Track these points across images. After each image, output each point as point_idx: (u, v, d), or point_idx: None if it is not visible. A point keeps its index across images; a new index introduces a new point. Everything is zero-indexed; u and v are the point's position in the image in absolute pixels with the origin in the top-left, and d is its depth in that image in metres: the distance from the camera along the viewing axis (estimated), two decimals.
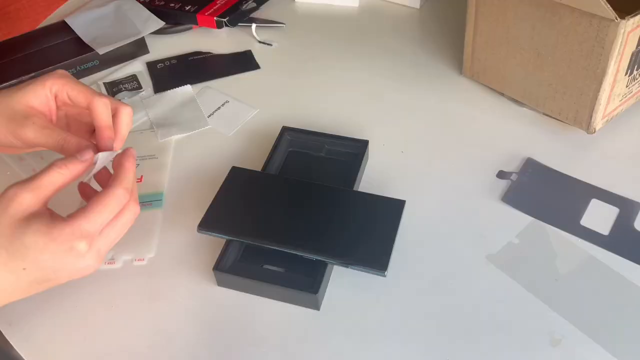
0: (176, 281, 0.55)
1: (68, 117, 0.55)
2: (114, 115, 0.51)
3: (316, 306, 0.52)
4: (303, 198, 0.56)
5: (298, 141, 0.64)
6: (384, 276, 0.50)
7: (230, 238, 0.54)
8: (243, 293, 0.53)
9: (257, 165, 0.62)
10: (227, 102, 0.72)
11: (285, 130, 0.64)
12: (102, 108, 0.50)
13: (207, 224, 0.54)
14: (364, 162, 0.63)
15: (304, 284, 0.51)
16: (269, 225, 0.54)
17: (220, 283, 0.54)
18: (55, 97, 0.52)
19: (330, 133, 0.64)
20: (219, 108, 0.72)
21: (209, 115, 0.71)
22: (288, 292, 0.51)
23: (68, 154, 0.48)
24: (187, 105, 0.72)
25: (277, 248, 0.52)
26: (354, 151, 0.63)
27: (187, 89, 0.74)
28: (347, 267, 0.51)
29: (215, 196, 0.56)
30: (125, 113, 0.51)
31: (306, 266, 0.52)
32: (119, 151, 0.49)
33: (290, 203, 0.56)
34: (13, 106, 0.51)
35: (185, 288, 0.54)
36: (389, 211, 0.55)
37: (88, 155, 0.47)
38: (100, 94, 0.51)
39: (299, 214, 0.55)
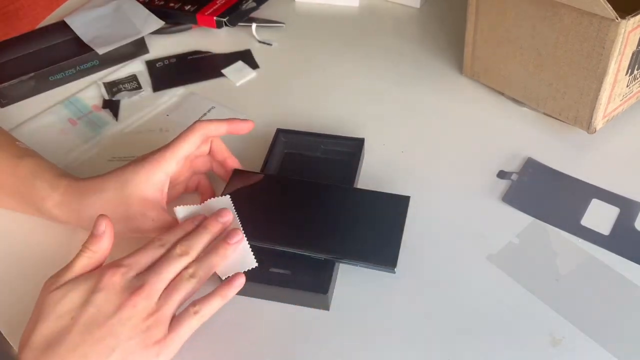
0: None
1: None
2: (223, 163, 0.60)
3: (326, 306, 0.52)
4: (307, 198, 0.56)
5: (293, 142, 0.64)
6: (394, 273, 0.50)
7: None
8: (250, 298, 0.53)
9: (254, 169, 0.61)
10: (213, 107, 0.72)
11: (279, 132, 0.64)
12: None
13: None
14: (361, 160, 0.62)
15: (313, 284, 0.51)
16: (274, 226, 0.54)
17: None
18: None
19: (325, 133, 0.64)
20: (205, 114, 0.72)
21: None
22: (297, 294, 0.51)
23: None
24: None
25: (284, 249, 0.52)
26: (350, 150, 0.63)
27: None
28: (356, 265, 0.51)
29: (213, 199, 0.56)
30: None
31: (312, 267, 0.52)
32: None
33: (294, 203, 0.56)
34: (128, 203, 0.52)
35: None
36: (393, 208, 0.55)
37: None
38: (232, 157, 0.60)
39: (304, 214, 0.55)
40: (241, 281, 0.47)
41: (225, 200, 0.53)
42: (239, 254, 0.49)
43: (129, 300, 0.43)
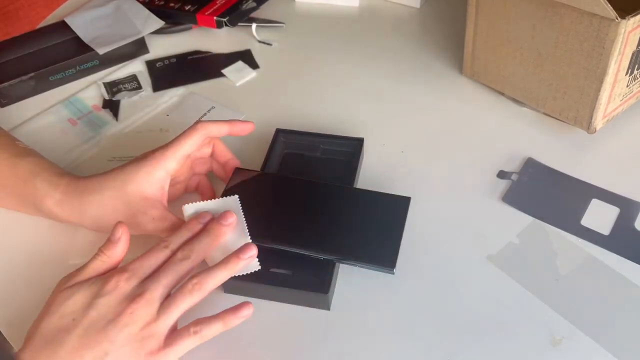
0: None
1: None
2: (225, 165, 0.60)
3: (327, 306, 0.52)
4: (309, 197, 0.56)
5: (293, 143, 0.64)
6: (393, 274, 0.50)
7: None
8: (250, 298, 0.52)
9: (254, 169, 0.61)
10: (213, 107, 0.72)
11: (279, 132, 0.64)
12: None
13: None
14: (360, 160, 0.62)
15: (314, 284, 0.51)
16: (275, 226, 0.54)
17: (227, 289, 0.53)
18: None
19: (324, 133, 0.64)
20: (205, 114, 0.72)
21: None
22: (298, 293, 0.51)
23: None
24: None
25: (285, 249, 0.52)
26: (349, 150, 0.63)
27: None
28: (356, 265, 0.51)
29: (221, 197, 0.56)
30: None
31: (313, 267, 0.52)
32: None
33: (296, 203, 0.56)
34: (129, 201, 0.53)
35: None
36: (394, 208, 0.55)
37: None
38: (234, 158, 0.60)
39: (305, 214, 0.55)
40: (248, 312, 0.47)
41: (233, 201, 0.53)
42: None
43: (128, 307, 0.43)
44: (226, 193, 0.56)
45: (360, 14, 0.88)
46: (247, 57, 0.80)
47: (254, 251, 0.48)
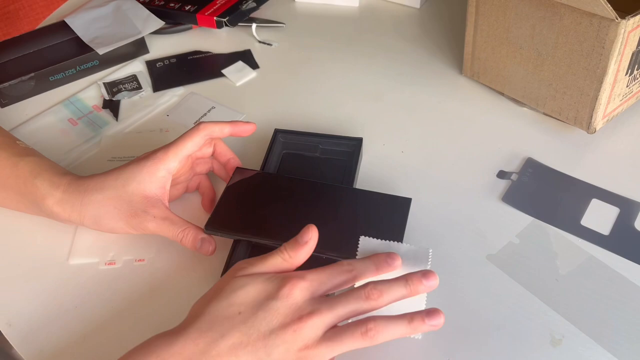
0: (179, 283, 0.55)
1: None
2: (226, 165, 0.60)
3: None
4: (309, 197, 0.56)
5: (292, 143, 0.64)
6: None
7: (239, 238, 0.54)
8: None
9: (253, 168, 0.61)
10: (213, 108, 0.72)
11: (277, 132, 0.64)
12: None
13: (215, 224, 0.54)
14: (359, 160, 0.62)
15: None
16: (276, 224, 0.54)
17: None
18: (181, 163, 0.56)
19: (323, 133, 0.64)
20: (205, 114, 0.72)
21: (195, 122, 0.71)
22: None
23: (186, 245, 0.53)
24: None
25: None
26: (348, 149, 0.63)
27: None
28: None
29: (222, 196, 0.56)
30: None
31: (313, 265, 0.52)
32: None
33: (297, 202, 0.56)
34: (130, 201, 0.53)
35: (189, 291, 0.54)
36: (395, 209, 0.55)
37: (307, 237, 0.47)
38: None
39: (306, 213, 0.55)
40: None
41: (424, 253, 0.48)
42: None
43: (294, 324, 0.41)
44: (227, 192, 0.56)
45: (360, 14, 0.88)
46: (247, 57, 0.80)
47: (441, 320, 0.43)
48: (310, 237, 0.46)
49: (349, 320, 0.43)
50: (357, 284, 0.45)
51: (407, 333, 0.43)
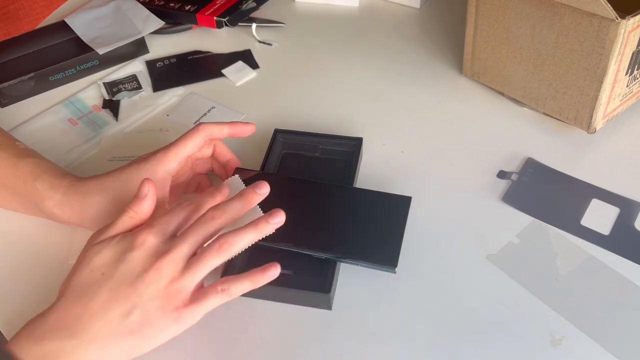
0: None
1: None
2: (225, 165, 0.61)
3: (328, 306, 0.52)
4: (310, 197, 0.56)
5: (291, 143, 0.64)
6: (394, 272, 0.50)
7: None
8: (251, 298, 0.52)
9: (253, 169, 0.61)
10: (213, 107, 0.72)
11: (277, 132, 0.64)
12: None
13: None
14: (359, 159, 0.62)
15: (315, 284, 0.51)
16: None
17: None
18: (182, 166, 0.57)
19: (323, 133, 0.64)
20: (205, 114, 0.72)
21: (195, 122, 0.71)
22: (299, 293, 0.51)
23: None
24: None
25: (286, 248, 0.52)
26: (348, 149, 0.63)
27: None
28: (357, 264, 0.51)
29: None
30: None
31: (314, 267, 0.52)
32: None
33: (297, 203, 0.56)
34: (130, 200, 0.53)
35: None
36: (395, 208, 0.55)
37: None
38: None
39: (307, 214, 0.55)
40: (275, 272, 0.47)
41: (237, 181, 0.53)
42: None
43: (155, 263, 0.44)
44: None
45: (360, 14, 0.88)
46: (247, 57, 0.80)
47: (282, 217, 0.48)
48: (148, 189, 0.48)
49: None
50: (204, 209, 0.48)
51: (256, 237, 0.47)
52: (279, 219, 0.47)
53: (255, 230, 0.47)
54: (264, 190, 0.49)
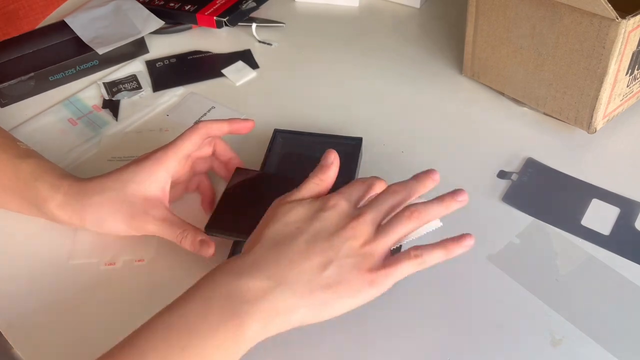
0: (178, 283, 0.55)
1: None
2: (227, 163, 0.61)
3: None
4: None
5: (291, 143, 0.64)
6: None
7: (240, 239, 0.53)
8: None
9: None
10: (213, 107, 0.72)
11: (277, 132, 0.64)
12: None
13: (215, 225, 0.54)
14: (359, 159, 0.62)
15: None
16: None
17: None
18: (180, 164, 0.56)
19: (323, 133, 0.64)
20: (205, 114, 0.72)
21: (195, 122, 0.70)
22: None
23: (185, 246, 0.53)
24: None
25: None
26: (348, 150, 0.63)
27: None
28: None
29: (221, 197, 0.56)
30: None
31: None
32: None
33: None
34: (130, 202, 0.53)
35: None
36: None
37: None
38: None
39: None
40: (471, 242, 0.46)
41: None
42: None
43: (350, 223, 0.45)
44: (227, 192, 0.56)
45: (360, 14, 0.88)
46: (247, 57, 0.80)
47: (466, 196, 0.48)
48: (334, 158, 0.50)
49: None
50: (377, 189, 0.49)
51: (443, 212, 0.47)
52: (463, 197, 0.48)
53: (441, 204, 0.47)
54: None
